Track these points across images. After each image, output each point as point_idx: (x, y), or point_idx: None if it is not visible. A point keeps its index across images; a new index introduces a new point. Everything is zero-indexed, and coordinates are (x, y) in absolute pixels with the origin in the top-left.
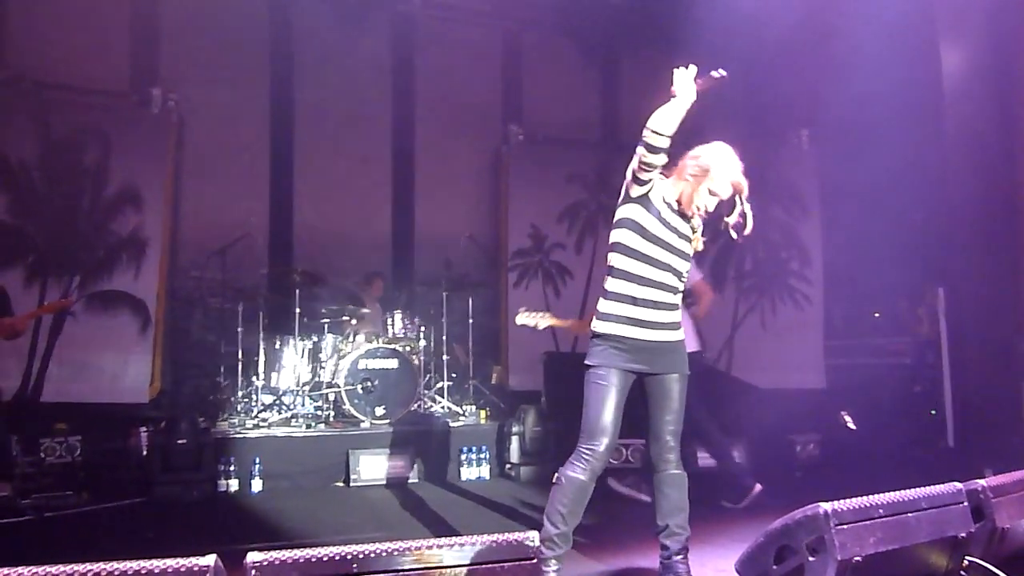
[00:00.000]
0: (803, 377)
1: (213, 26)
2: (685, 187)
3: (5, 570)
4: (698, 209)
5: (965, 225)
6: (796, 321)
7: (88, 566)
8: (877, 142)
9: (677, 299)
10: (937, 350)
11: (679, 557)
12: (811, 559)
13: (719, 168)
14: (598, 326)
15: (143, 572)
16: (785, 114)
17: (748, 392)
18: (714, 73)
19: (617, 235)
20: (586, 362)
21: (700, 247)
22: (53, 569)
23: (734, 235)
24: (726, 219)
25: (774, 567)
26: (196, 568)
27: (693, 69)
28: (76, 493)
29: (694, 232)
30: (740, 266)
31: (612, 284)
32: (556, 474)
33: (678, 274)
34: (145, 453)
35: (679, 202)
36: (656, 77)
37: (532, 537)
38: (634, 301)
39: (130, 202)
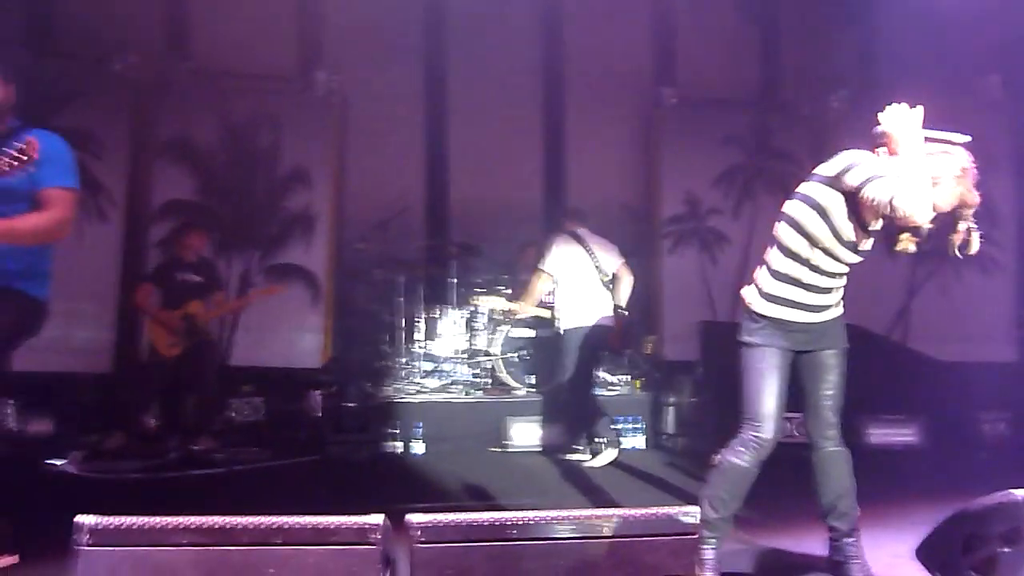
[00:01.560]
0: (991, 349)
1: (369, 7)
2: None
3: (210, 519)
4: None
5: None
6: (983, 288)
7: (273, 519)
8: None
9: (842, 283)
10: None
11: (850, 539)
12: (1006, 550)
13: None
14: (760, 306)
15: (320, 527)
16: (974, 59)
17: (926, 365)
18: (955, 138)
19: (796, 210)
20: (743, 339)
21: (912, 248)
22: (243, 520)
23: (957, 254)
24: (950, 237)
25: (961, 557)
26: (367, 526)
27: (917, 112)
28: (260, 449)
29: (869, 235)
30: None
31: (780, 264)
32: (717, 456)
33: (847, 265)
34: (319, 415)
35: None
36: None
37: (693, 512)
38: (803, 285)
39: (300, 181)
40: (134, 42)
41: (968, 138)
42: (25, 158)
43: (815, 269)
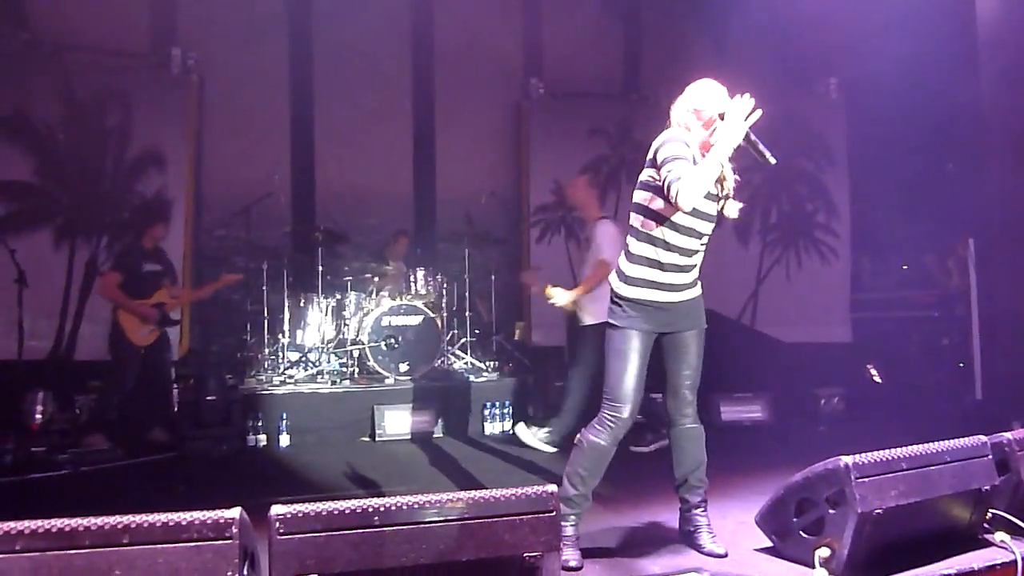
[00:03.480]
0: (829, 331)
1: None
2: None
3: (47, 522)
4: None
5: (997, 174)
6: (822, 274)
7: (119, 519)
8: (906, 91)
9: (699, 260)
10: (967, 302)
11: (699, 510)
12: (831, 512)
13: (729, 110)
14: (622, 289)
15: (171, 524)
16: (812, 62)
17: (772, 346)
18: (768, 158)
19: (642, 197)
20: (608, 321)
21: (735, 214)
22: (85, 521)
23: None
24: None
25: (794, 520)
26: (222, 520)
27: (749, 101)
28: (110, 448)
29: (725, 194)
30: (765, 218)
31: (636, 247)
32: (578, 436)
33: (702, 236)
34: (176, 409)
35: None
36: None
37: (551, 490)
38: (660, 266)
39: (153, 163)
40: None
41: (775, 161)
42: None
43: (669, 248)
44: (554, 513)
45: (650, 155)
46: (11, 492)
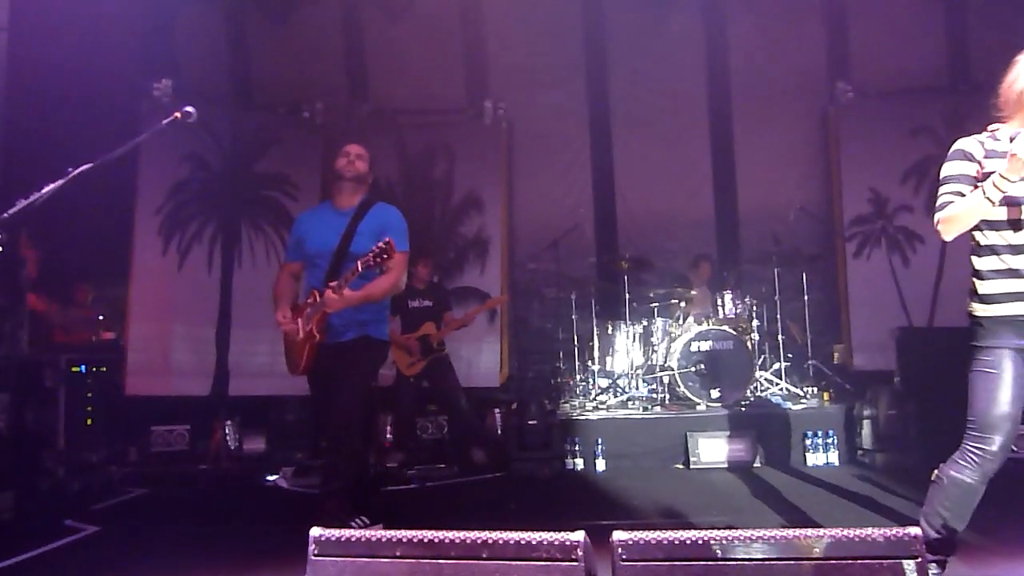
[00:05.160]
0: None
1: (531, 31)
2: None
3: (420, 533)
4: None
5: None
6: None
7: (478, 534)
8: None
9: None
10: None
11: None
12: None
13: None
14: (981, 310)
15: (523, 543)
16: None
17: None
18: None
19: None
20: (972, 343)
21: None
22: (451, 535)
23: None
24: None
25: None
26: (568, 543)
27: None
28: (448, 466)
29: None
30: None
31: (983, 262)
32: (936, 472)
33: None
34: (500, 432)
35: None
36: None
37: (914, 532)
38: (1014, 273)
39: (473, 206)
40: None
41: None
42: (385, 257)
43: (1018, 250)
44: (919, 560)
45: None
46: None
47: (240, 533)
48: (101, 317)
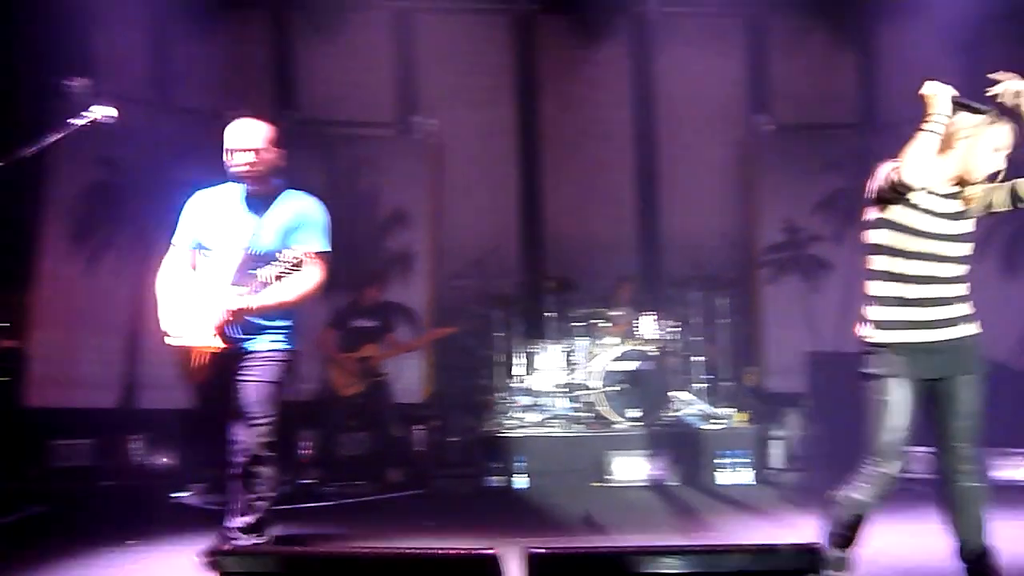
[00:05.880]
0: None
1: (462, 50)
2: (956, 159)
3: (327, 549)
4: (984, 180)
5: None
6: None
7: (393, 547)
8: None
9: (959, 290)
10: None
11: None
12: None
13: (994, 116)
14: (871, 334)
15: (438, 557)
16: None
17: None
18: (983, 108)
19: (873, 236)
20: (863, 371)
21: (977, 212)
22: (366, 548)
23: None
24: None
25: None
26: (484, 559)
27: (949, 89)
28: (366, 483)
29: (967, 199)
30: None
31: (876, 287)
32: (837, 493)
33: (954, 260)
34: (421, 449)
35: (954, 182)
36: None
37: (816, 547)
38: (906, 302)
39: (400, 222)
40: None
41: (991, 109)
42: (298, 270)
43: (915, 280)
44: (818, 573)
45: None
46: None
47: (139, 552)
48: (4, 325)
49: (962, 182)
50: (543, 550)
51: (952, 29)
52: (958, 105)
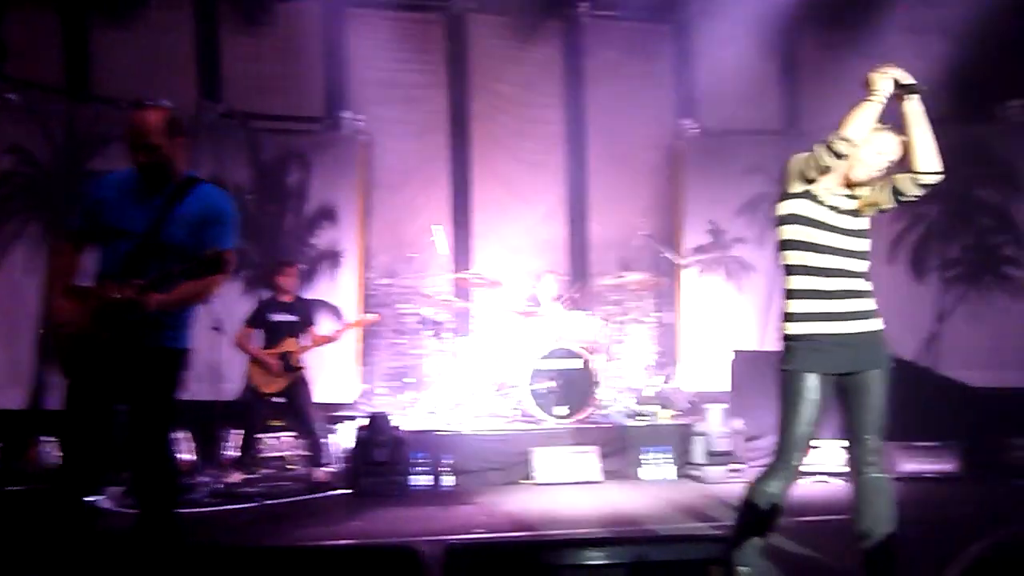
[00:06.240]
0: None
1: (393, 47)
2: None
3: (250, 548)
4: (871, 179)
5: None
6: (1015, 313)
7: (319, 549)
8: None
9: (866, 285)
10: None
11: (886, 567)
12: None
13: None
14: (789, 327)
15: (360, 557)
16: (990, 86)
17: (958, 392)
18: (917, 84)
19: (786, 232)
20: (781, 367)
21: (869, 215)
22: (276, 546)
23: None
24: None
25: None
26: (405, 556)
27: (891, 70)
28: (292, 483)
29: (860, 201)
30: (944, 253)
31: (794, 281)
32: (748, 485)
33: (858, 255)
34: (348, 448)
35: (845, 183)
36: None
37: (727, 539)
38: (822, 294)
39: (327, 218)
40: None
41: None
42: (211, 270)
43: (828, 273)
44: (727, 560)
45: (782, 187)
46: (213, 520)
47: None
48: None
49: (850, 183)
50: (462, 543)
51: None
52: (899, 86)
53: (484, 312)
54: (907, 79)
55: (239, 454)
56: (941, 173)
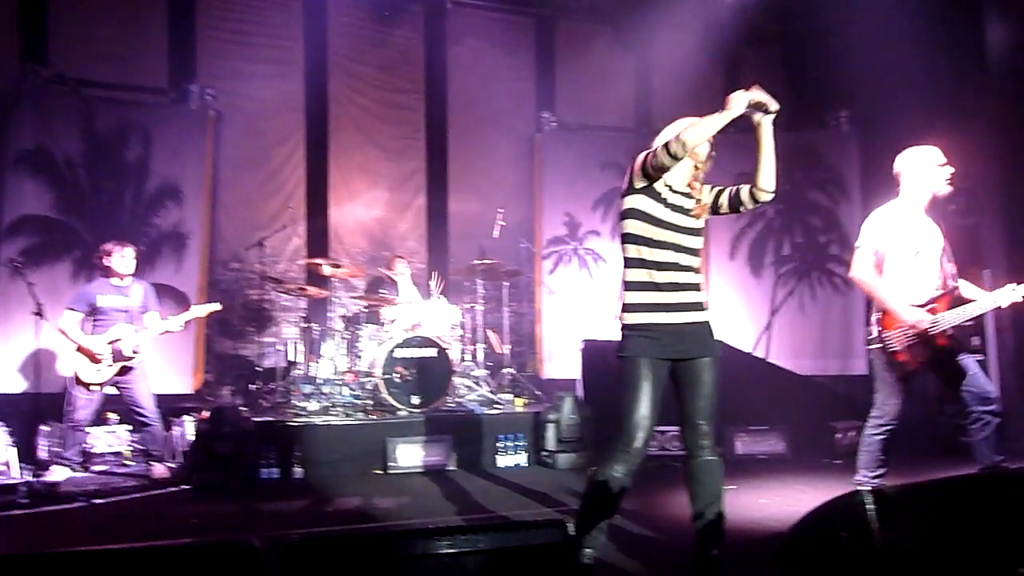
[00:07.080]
0: (845, 363)
1: (248, 20)
2: (687, 163)
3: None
4: (697, 169)
5: (1009, 207)
6: (837, 306)
7: (136, 545)
8: (918, 123)
9: (697, 279)
10: (981, 333)
11: (714, 544)
12: (850, 547)
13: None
14: (626, 317)
15: (195, 554)
16: (823, 96)
17: (787, 379)
18: (771, 105)
19: (627, 226)
20: (618, 354)
21: (704, 217)
22: (102, 548)
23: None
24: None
25: (812, 555)
26: (244, 552)
27: (754, 92)
28: (124, 480)
29: (698, 202)
30: (778, 250)
31: (632, 274)
32: (593, 469)
33: (692, 252)
34: (189, 441)
35: (687, 183)
36: (690, 63)
37: (566, 520)
38: (656, 287)
39: (171, 196)
40: None
41: (777, 106)
42: None
43: (663, 267)
44: (568, 543)
45: (625, 184)
46: (33, 523)
47: None
48: None
49: (690, 184)
50: (301, 536)
51: (716, 49)
52: (752, 105)
53: (338, 299)
54: (768, 102)
55: (61, 450)
56: (775, 193)
